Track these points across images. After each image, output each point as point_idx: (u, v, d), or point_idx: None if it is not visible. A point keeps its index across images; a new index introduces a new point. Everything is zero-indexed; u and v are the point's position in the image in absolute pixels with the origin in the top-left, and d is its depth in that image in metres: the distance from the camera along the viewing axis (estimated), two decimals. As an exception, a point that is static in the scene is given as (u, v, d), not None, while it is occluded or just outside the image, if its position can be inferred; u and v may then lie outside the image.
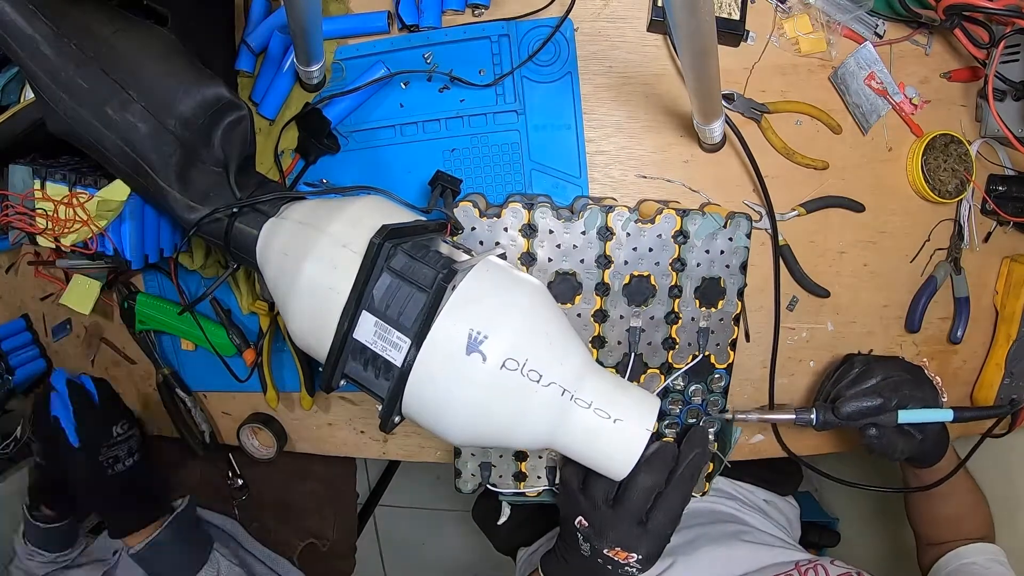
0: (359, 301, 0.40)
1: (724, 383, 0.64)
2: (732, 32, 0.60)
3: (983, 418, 0.63)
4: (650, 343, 0.62)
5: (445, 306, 0.40)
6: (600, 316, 0.61)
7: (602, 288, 0.60)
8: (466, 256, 0.45)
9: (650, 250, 0.59)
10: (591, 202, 0.60)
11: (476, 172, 0.64)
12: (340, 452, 0.75)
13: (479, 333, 0.39)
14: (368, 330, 0.41)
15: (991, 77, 0.58)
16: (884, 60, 0.63)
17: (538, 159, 0.63)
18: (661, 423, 0.65)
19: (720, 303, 0.61)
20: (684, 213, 0.59)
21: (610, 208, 0.58)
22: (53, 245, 0.54)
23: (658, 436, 0.65)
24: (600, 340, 0.62)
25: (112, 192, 0.53)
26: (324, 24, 0.60)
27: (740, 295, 0.61)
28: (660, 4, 0.60)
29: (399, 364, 0.40)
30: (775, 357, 0.67)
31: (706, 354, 0.62)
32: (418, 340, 0.39)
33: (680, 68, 0.62)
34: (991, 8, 0.55)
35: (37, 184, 0.53)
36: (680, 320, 0.61)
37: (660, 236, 0.59)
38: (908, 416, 0.58)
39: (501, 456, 0.64)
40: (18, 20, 0.45)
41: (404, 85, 0.63)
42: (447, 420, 0.41)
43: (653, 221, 0.58)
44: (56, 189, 0.53)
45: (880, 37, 0.63)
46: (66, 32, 0.46)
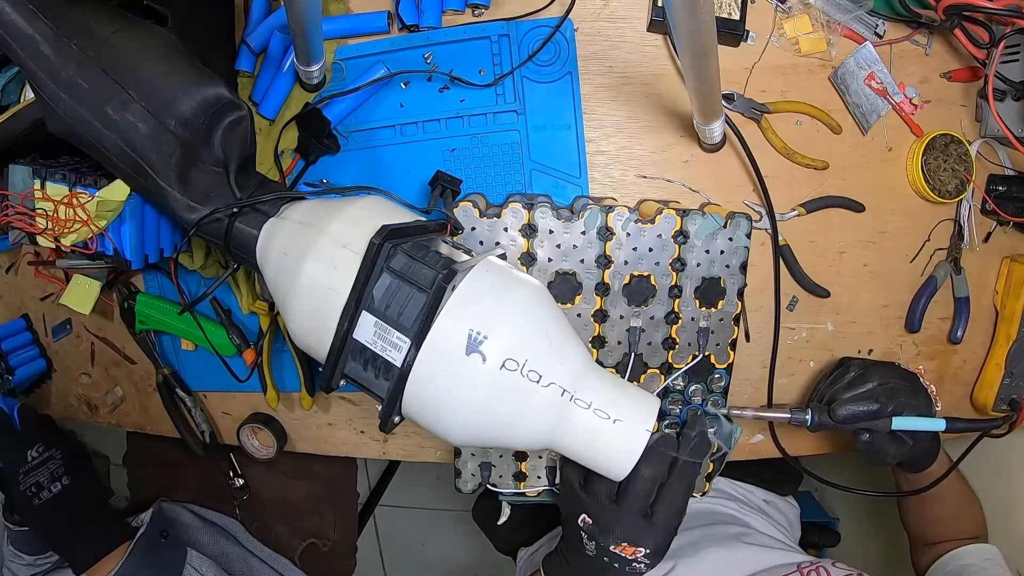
0: (359, 301, 0.40)
1: (724, 383, 0.64)
2: (732, 32, 0.60)
3: (974, 430, 0.63)
4: (650, 343, 0.62)
5: (445, 306, 0.40)
6: (600, 316, 0.61)
7: (602, 288, 0.60)
8: (466, 256, 0.45)
9: (650, 250, 0.59)
10: (591, 202, 0.60)
11: (476, 172, 0.64)
12: (340, 452, 0.75)
13: (479, 333, 0.39)
14: (368, 330, 0.41)
15: (991, 77, 0.58)
16: (884, 60, 0.63)
17: (538, 159, 0.63)
18: (661, 423, 0.65)
19: (720, 303, 0.61)
20: (684, 213, 0.59)
21: (610, 208, 0.58)
22: (53, 245, 0.54)
23: (658, 436, 0.65)
24: (600, 340, 0.62)
25: (112, 192, 0.53)
26: (324, 24, 0.60)
27: (740, 295, 0.61)
28: (660, 4, 0.60)
29: (399, 364, 0.40)
30: (775, 357, 0.67)
31: (706, 354, 0.62)
32: (418, 340, 0.39)
33: (680, 68, 0.62)
34: (991, 8, 0.55)
35: (37, 184, 0.53)
36: (680, 320, 0.61)
37: (660, 236, 0.59)
38: (901, 423, 0.58)
39: (501, 456, 0.64)
40: (18, 20, 0.45)
41: (404, 85, 0.63)
42: (447, 420, 0.41)
43: (653, 221, 0.58)
44: (56, 189, 0.53)
45: (880, 37, 0.63)
46: (66, 32, 0.46)
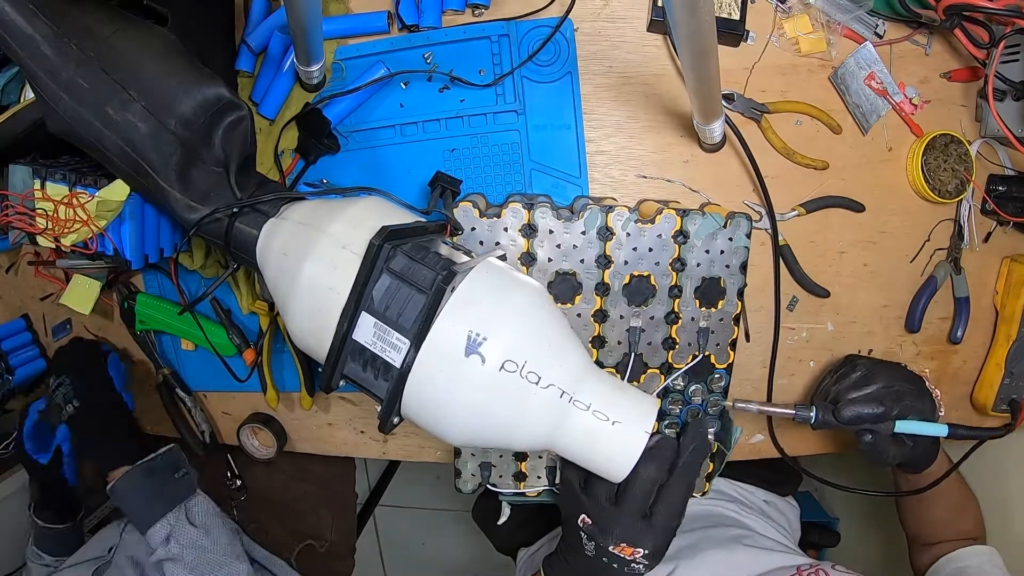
0: (358, 302, 0.40)
1: (724, 383, 0.64)
2: (732, 32, 0.60)
3: (977, 438, 0.63)
4: (650, 343, 0.62)
5: (444, 307, 0.40)
6: (600, 316, 0.61)
7: (602, 288, 0.60)
8: (466, 257, 0.45)
9: (650, 250, 0.59)
10: (591, 202, 0.60)
11: (476, 172, 0.64)
12: (340, 452, 0.75)
13: (478, 335, 0.39)
14: (367, 331, 0.41)
15: (991, 77, 0.58)
16: (884, 60, 0.63)
17: (538, 159, 0.63)
18: (661, 423, 0.65)
19: (720, 303, 0.61)
20: (684, 213, 0.59)
21: (610, 208, 0.58)
22: (53, 245, 0.54)
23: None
24: (600, 340, 0.62)
25: (111, 192, 0.53)
26: (324, 24, 0.60)
27: (740, 295, 0.61)
28: (660, 4, 0.60)
29: (398, 365, 0.40)
30: (775, 357, 0.67)
31: (706, 354, 0.62)
32: (417, 341, 0.39)
33: (680, 68, 0.62)
34: (991, 8, 0.55)
35: (37, 184, 0.53)
36: (680, 320, 0.61)
37: (660, 236, 0.59)
38: (905, 427, 0.58)
39: (501, 456, 0.64)
40: (18, 20, 0.45)
41: (404, 85, 0.63)
42: (446, 421, 0.41)
43: (653, 221, 0.58)
44: (56, 189, 0.53)
45: (880, 37, 0.63)
46: (66, 32, 0.46)
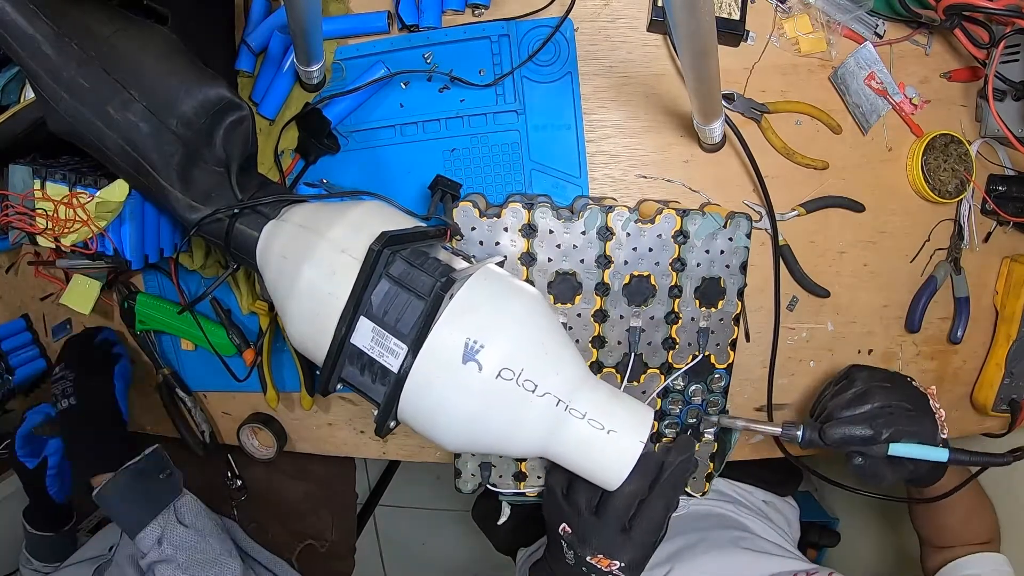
0: (357, 307, 0.41)
1: (724, 383, 0.64)
2: (732, 32, 0.60)
3: (978, 464, 0.57)
4: (650, 343, 0.62)
5: (442, 314, 0.40)
6: (600, 316, 0.61)
7: (602, 288, 0.60)
8: (465, 264, 0.45)
9: (650, 250, 0.59)
10: (591, 202, 0.60)
11: (476, 172, 0.64)
12: (340, 452, 0.75)
13: (475, 342, 0.40)
14: (366, 335, 0.41)
15: (991, 77, 0.58)
16: (884, 60, 0.63)
17: (538, 159, 0.63)
18: (661, 423, 0.65)
19: (720, 303, 0.61)
20: (684, 213, 0.59)
21: (610, 208, 0.58)
22: (53, 245, 0.54)
23: (658, 436, 0.65)
24: (600, 340, 0.62)
25: (110, 193, 0.53)
26: (324, 24, 0.60)
27: (740, 295, 0.61)
28: (660, 4, 0.60)
29: (395, 370, 0.40)
30: (774, 357, 0.67)
31: (706, 354, 0.62)
32: (415, 347, 0.40)
33: (680, 68, 0.62)
34: (991, 8, 0.55)
35: (37, 184, 0.53)
36: (680, 320, 0.61)
37: (660, 236, 0.59)
38: (900, 450, 0.55)
39: (501, 456, 0.64)
40: (19, 20, 0.45)
41: (404, 85, 0.63)
42: (442, 427, 0.42)
43: (653, 221, 0.58)
44: (56, 189, 0.53)
45: (880, 37, 0.63)
46: (67, 32, 0.46)
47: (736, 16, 0.60)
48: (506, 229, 0.58)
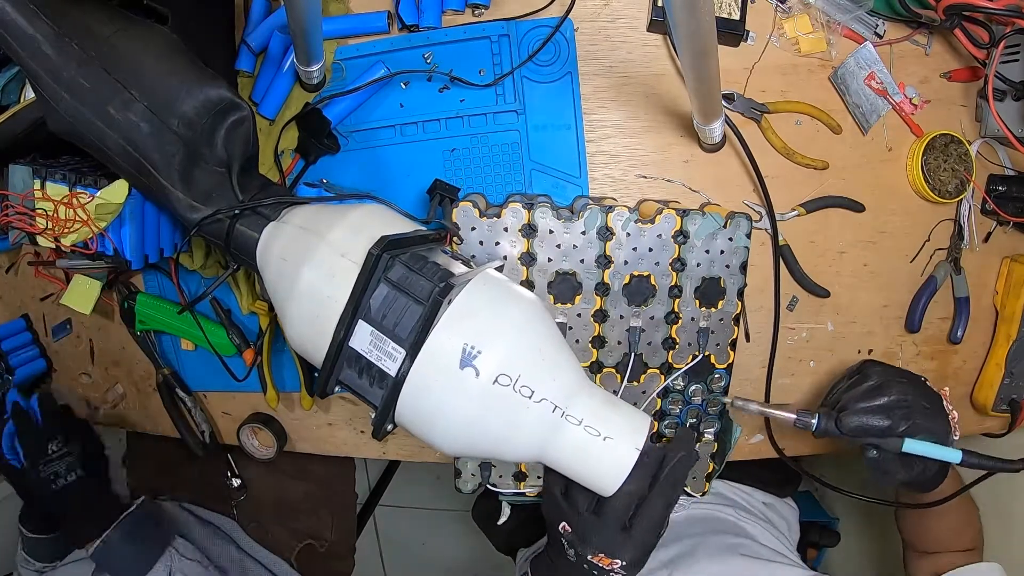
0: (356, 310, 0.41)
1: (724, 383, 0.64)
2: (732, 32, 0.60)
3: (990, 469, 0.57)
4: (650, 343, 0.62)
5: (440, 319, 0.40)
6: (600, 316, 0.61)
7: (602, 288, 0.60)
8: (464, 268, 0.45)
9: (650, 250, 0.59)
10: (591, 202, 0.60)
11: (476, 172, 0.64)
12: (340, 452, 0.75)
13: (473, 348, 0.40)
14: (364, 339, 0.41)
15: (991, 77, 0.58)
16: (884, 60, 0.63)
17: (538, 159, 0.63)
18: (661, 423, 0.65)
19: (720, 303, 0.61)
20: (684, 213, 0.59)
21: (610, 208, 0.58)
22: (53, 245, 0.54)
23: (658, 436, 0.65)
24: (600, 340, 0.62)
25: (110, 194, 0.53)
26: (324, 24, 0.60)
27: (740, 295, 0.61)
28: (660, 4, 0.60)
29: (393, 374, 0.40)
30: (773, 357, 0.67)
31: (706, 354, 0.62)
32: (413, 352, 0.40)
33: (680, 68, 0.62)
34: (991, 8, 0.55)
35: (37, 184, 0.53)
36: (680, 320, 0.61)
37: (660, 236, 0.59)
38: (914, 447, 0.54)
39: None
40: (19, 20, 0.45)
41: (404, 85, 0.63)
42: (439, 431, 0.42)
43: (653, 221, 0.59)
44: (56, 189, 0.53)
45: (880, 37, 0.63)
46: (67, 32, 0.46)
47: (736, 16, 0.60)
48: (506, 229, 0.58)
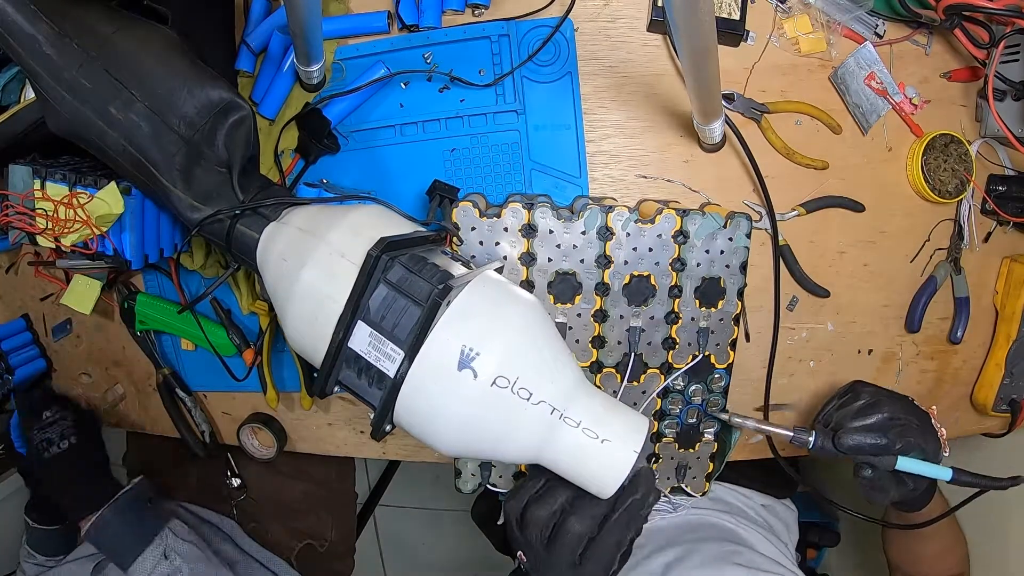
0: (355, 311, 0.41)
1: (724, 383, 0.64)
2: (732, 32, 0.60)
3: (980, 487, 0.58)
4: (650, 343, 0.62)
5: (439, 321, 0.40)
6: (600, 316, 0.61)
7: (602, 288, 0.60)
8: (463, 269, 0.45)
9: (650, 250, 0.59)
10: (591, 202, 0.60)
11: (476, 172, 0.64)
12: (340, 452, 0.75)
13: (471, 349, 0.40)
14: (363, 340, 0.41)
15: (991, 77, 0.58)
16: (884, 60, 0.63)
17: (538, 159, 0.63)
18: (661, 423, 0.65)
19: (720, 303, 0.61)
20: (684, 213, 0.59)
21: (610, 208, 0.58)
22: (53, 245, 0.54)
23: (658, 436, 0.65)
24: (600, 340, 0.62)
25: (108, 196, 0.53)
26: (324, 24, 0.60)
27: (740, 295, 0.61)
28: (660, 4, 0.60)
29: (392, 375, 0.40)
30: (773, 357, 0.67)
31: (706, 354, 0.62)
32: (411, 353, 0.40)
33: (680, 68, 0.62)
34: (991, 8, 0.55)
35: (37, 184, 0.53)
36: (680, 320, 0.61)
37: (660, 236, 0.59)
38: (907, 465, 0.55)
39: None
40: (19, 20, 0.45)
41: (404, 85, 0.63)
42: (437, 432, 0.42)
43: (653, 221, 0.59)
44: (56, 189, 0.53)
45: (880, 37, 0.63)
46: (68, 31, 0.46)
47: (736, 16, 0.60)
48: (506, 229, 0.58)
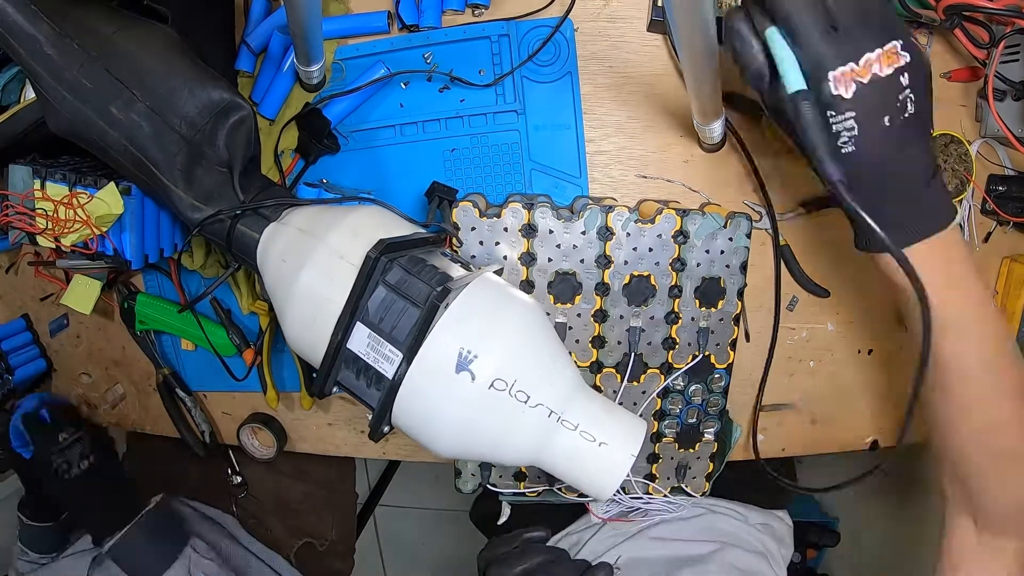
0: (353, 313, 0.41)
1: (724, 383, 0.64)
2: (732, 32, 0.60)
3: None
4: (650, 343, 0.62)
5: (437, 323, 0.40)
6: (600, 316, 0.61)
7: (602, 288, 0.60)
8: (463, 271, 0.45)
9: (650, 250, 0.59)
10: (591, 202, 0.60)
11: (476, 172, 0.64)
12: (340, 452, 0.75)
13: (469, 352, 0.40)
14: (361, 341, 0.41)
15: (991, 77, 0.58)
16: (884, 60, 0.63)
17: (538, 159, 0.63)
18: (661, 423, 0.65)
19: (720, 303, 0.61)
20: (684, 213, 0.59)
21: (610, 208, 0.58)
22: (53, 245, 0.54)
23: (658, 436, 0.65)
24: (600, 340, 0.62)
25: (108, 197, 0.53)
26: (324, 24, 0.60)
27: (740, 295, 0.61)
28: (660, 4, 0.60)
29: (390, 376, 0.41)
30: (771, 358, 0.67)
31: (706, 354, 0.62)
32: (410, 355, 0.40)
33: (680, 68, 0.62)
34: (991, 8, 0.55)
35: (37, 184, 0.53)
36: (680, 320, 0.61)
37: (660, 236, 0.59)
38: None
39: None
40: (20, 20, 0.45)
41: (404, 85, 0.63)
42: (434, 434, 0.42)
43: (653, 221, 0.59)
44: (56, 189, 0.53)
45: (880, 37, 0.63)
46: (68, 31, 0.46)
47: (736, 16, 0.60)
48: (506, 229, 0.58)
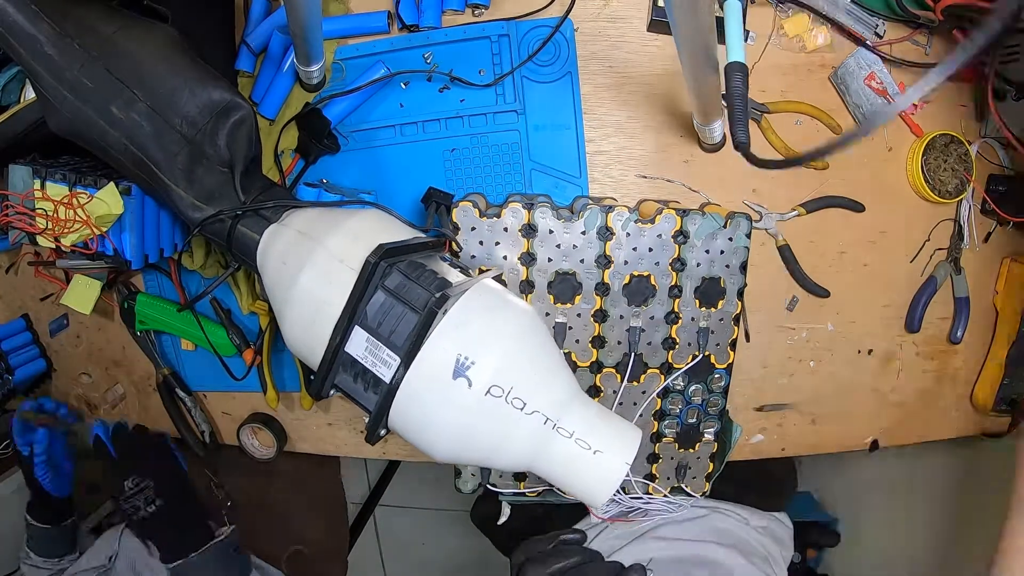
0: (352, 317, 0.41)
1: (724, 383, 0.64)
2: (732, 32, 0.60)
3: None
4: (650, 343, 0.62)
5: (435, 329, 0.40)
6: (600, 316, 0.61)
7: (602, 288, 0.60)
8: (461, 277, 0.45)
9: (650, 250, 0.59)
10: (591, 202, 0.60)
11: (476, 172, 0.64)
12: (340, 452, 0.75)
13: (466, 358, 0.40)
14: (360, 345, 0.41)
15: (991, 77, 0.58)
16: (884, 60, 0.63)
17: (538, 159, 0.63)
18: (661, 423, 0.65)
19: (720, 303, 0.61)
20: (684, 213, 0.59)
21: (610, 208, 0.58)
22: (53, 245, 0.54)
23: (658, 436, 0.65)
24: (600, 340, 0.62)
25: (108, 197, 0.53)
26: (324, 24, 0.60)
27: (740, 295, 0.61)
28: (660, 4, 0.60)
29: (387, 381, 0.41)
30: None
31: (706, 354, 0.62)
32: (407, 359, 0.40)
33: (680, 68, 0.62)
34: (991, 8, 0.55)
35: (37, 184, 0.53)
36: (680, 320, 0.61)
37: (660, 236, 0.59)
38: None
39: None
40: (20, 20, 0.45)
41: (404, 85, 0.63)
42: (431, 438, 0.42)
43: (653, 221, 0.59)
44: (56, 189, 0.53)
45: (880, 37, 0.63)
46: (69, 31, 0.46)
47: (736, 16, 0.60)
48: (506, 229, 0.58)
